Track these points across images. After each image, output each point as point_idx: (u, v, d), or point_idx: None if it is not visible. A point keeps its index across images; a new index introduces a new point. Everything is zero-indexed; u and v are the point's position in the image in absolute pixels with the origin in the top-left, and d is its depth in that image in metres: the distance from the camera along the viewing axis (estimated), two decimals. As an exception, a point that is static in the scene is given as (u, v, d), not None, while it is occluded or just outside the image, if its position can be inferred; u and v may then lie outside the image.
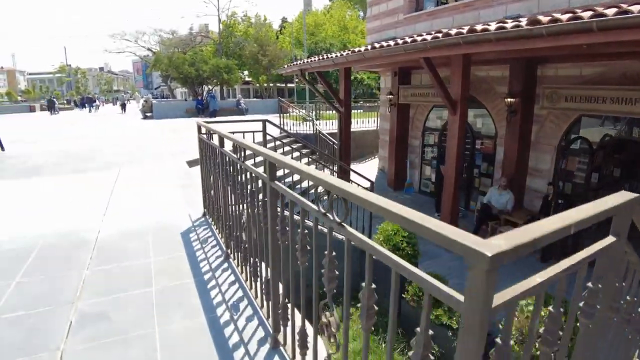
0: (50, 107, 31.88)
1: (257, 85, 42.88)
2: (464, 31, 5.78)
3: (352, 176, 10.22)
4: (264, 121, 4.88)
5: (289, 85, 46.15)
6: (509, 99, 8.60)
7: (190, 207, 5.40)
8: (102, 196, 5.95)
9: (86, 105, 37.24)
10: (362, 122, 15.35)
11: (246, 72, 36.51)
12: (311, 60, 9.54)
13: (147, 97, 27.72)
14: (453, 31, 6.08)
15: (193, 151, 10.47)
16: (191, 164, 8.99)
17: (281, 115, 14.55)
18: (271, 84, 43.50)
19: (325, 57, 9.15)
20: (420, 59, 6.91)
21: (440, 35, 6.19)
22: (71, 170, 8.23)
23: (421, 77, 11.87)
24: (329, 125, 15.19)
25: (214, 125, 4.43)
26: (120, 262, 3.68)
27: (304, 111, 21.01)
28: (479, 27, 5.70)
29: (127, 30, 35.02)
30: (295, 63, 10.16)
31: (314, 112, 21.30)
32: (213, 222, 4.49)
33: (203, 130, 4.55)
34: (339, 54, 8.86)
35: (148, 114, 24.39)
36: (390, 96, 12.06)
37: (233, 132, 3.69)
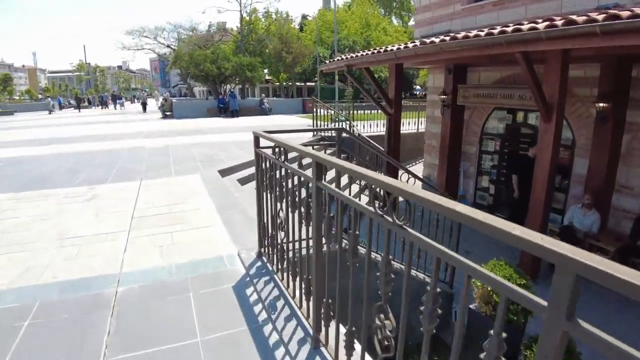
0: (102, 103, 33.10)
1: (277, 84, 41.75)
2: (559, 23, 4.47)
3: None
4: (340, 130, 3.61)
5: (308, 84, 44.95)
6: (600, 104, 7.14)
7: (238, 242, 4.08)
8: (121, 222, 4.67)
9: (113, 102, 38.55)
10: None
11: (266, 71, 35.40)
12: (362, 55, 8.20)
13: (166, 96, 26.68)
14: (540, 23, 4.76)
15: (223, 157, 9.44)
16: (224, 173, 7.73)
17: (314, 116, 13.19)
18: (290, 83, 42.34)
19: (379, 50, 7.80)
20: (517, 54, 5.50)
21: (543, 25, 4.82)
22: (84, 180, 7.02)
23: (479, 75, 10.42)
24: (365, 128, 13.79)
25: (278, 136, 3.15)
26: (152, 344, 2.38)
27: (332, 112, 19.67)
28: (579, 19, 4.35)
29: (146, 27, 34.15)
30: (340, 58, 8.88)
31: (343, 113, 19.92)
32: (277, 272, 3.20)
33: (264, 142, 3.27)
34: (397, 47, 7.50)
35: (168, 113, 23.33)
36: (444, 96, 10.63)
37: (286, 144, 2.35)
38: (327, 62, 9.58)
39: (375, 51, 7.82)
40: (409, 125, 14.16)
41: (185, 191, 6.18)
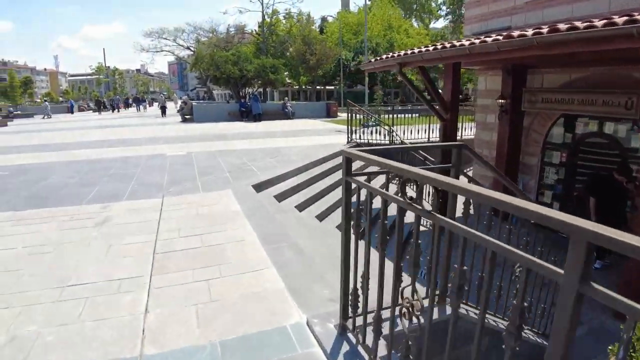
0: (100, 107, 32.44)
1: (296, 87, 40.76)
2: None
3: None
4: (460, 146, 2.52)
5: (327, 87, 43.88)
6: None
7: (302, 299, 2.90)
8: (139, 260, 3.54)
9: (136, 104, 39.38)
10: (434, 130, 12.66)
11: (286, 73, 34.44)
12: (420, 51, 6.97)
13: (185, 99, 25.80)
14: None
15: (254, 168, 8.17)
16: (259, 188, 6.58)
17: (349, 121, 11.99)
18: (309, 86, 41.31)
19: (444, 46, 6.57)
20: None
21: None
22: (96, 196, 5.94)
23: (542, 77, 9.12)
24: (405, 134, 12.53)
25: (387, 161, 1.97)
26: None
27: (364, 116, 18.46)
28: None
29: (165, 29, 33.59)
30: (391, 55, 7.71)
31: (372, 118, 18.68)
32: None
33: (357, 166, 2.09)
34: (468, 42, 6.26)
35: (187, 117, 22.41)
36: (502, 101, 9.34)
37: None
38: (372, 60, 8.42)
39: (440, 47, 6.58)
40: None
41: (218, 213, 5.03)
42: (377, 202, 2.18)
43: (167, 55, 36.88)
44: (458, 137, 13.43)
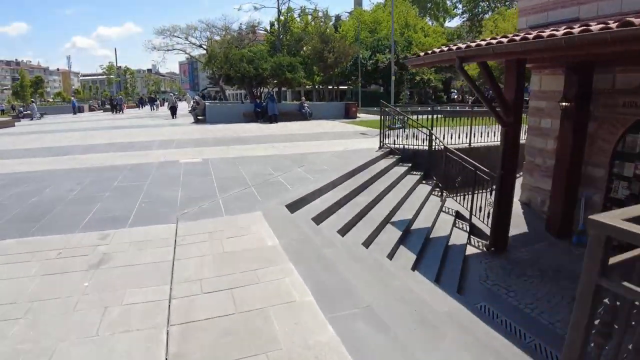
0: (114, 107, 31.58)
1: (308, 87, 39.60)
2: None
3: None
4: None
5: (341, 87, 42.65)
6: None
7: None
8: (147, 340, 2.36)
9: (150, 103, 40.64)
10: (480, 135, 11.29)
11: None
12: (490, 44, 5.70)
13: (198, 99, 24.72)
14: None
15: (282, 179, 6.97)
16: (293, 207, 5.38)
17: (382, 125, 10.75)
18: (322, 86, 40.10)
19: (524, 37, 5.30)
20: None
21: None
22: (94, 219, 4.77)
23: (614, 77, 7.79)
24: (445, 138, 11.21)
25: None
26: None
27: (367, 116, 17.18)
28: None
29: (177, 26, 32.62)
30: (448, 48, 6.45)
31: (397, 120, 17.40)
32: None
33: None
34: (563, 30, 5.00)
35: (200, 118, 21.34)
36: (565, 103, 8.03)
37: None
38: (422, 54, 7.18)
39: (519, 39, 5.31)
40: (488, 136, 11.53)
41: (251, 250, 3.82)
42: None
43: (178, 53, 35.99)
44: (495, 143, 12.07)
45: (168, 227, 4.49)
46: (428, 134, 10.08)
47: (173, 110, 23.89)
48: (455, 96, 51.13)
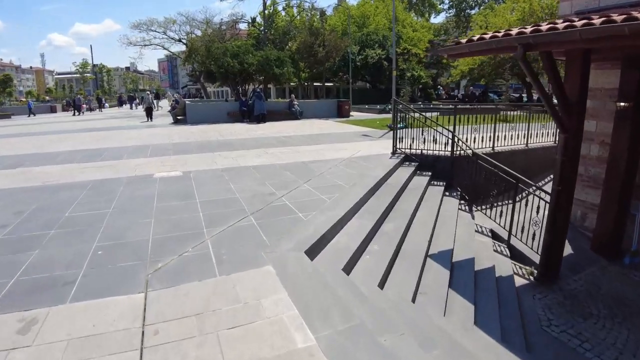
0: (75, 108, 28.46)
1: (292, 84, 37.92)
2: None
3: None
4: None
5: (327, 84, 41.05)
6: None
7: None
8: None
9: (129, 102, 40.44)
10: (504, 137, 9.85)
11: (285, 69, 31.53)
12: (571, 25, 4.23)
13: (177, 97, 22.82)
14: None
15: (287, 201, 5.33)
16: (312, 251, 3.80)
17: (395, 127, 9.20)
18: (312, 82, 38.45)
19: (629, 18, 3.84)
20: None
21: None
22: (18, 287, 3.10)
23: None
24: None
25: None
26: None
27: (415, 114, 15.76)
28: None
29: (154, 20, 30.45)
30: (504, 33, 4.95)
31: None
32: None
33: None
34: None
35: (180, 118, 19.47)
36: (623, 103, 6.68)
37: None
38: (463, 42, 5.64)
39: (598, 22, 3.85)
40: (512, 140, 10.10)
41: (269, 356, 2.24)
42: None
43: (156, 49, 33.75)
44: (525, 145, 10.69)
45: (132, 301, 2.87)
46: (450, 137, 8.61)
47: (149, 112, 20.92)
48: (442, 92, 50.11)
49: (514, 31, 4.98)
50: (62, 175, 7.29)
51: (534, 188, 6.88)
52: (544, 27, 4.70)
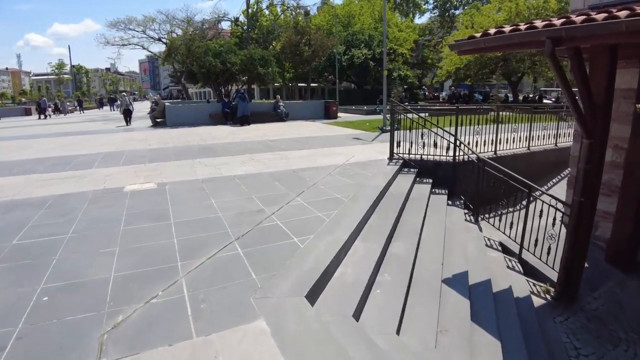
0: (40, 111, 26.55)
1: (277, 85, 37.09)
2: None
3: None
4: None
5: (311, 85, 40.36)
6: None
7: None
8: None
9: (110, 104, 38.57)
10: (506, 140, 9.24)
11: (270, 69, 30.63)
12: (611, 16, 3.58)
13: (157, 98, 21.75)
14: None
15: (278, 221, 4.48)
16: (315, 293, 3.04)
17: (392, 131, 8.49)
18: (296, 83, 37.68)
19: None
20: None
21: None
22: None
23: None
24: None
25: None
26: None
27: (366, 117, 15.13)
28: None
29: (133, 18, 29.20)
30: (528, 25, 4.29)
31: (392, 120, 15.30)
32: None
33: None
34: None
35: (159, 120, 18.47)
36: (647, 105, 6.13)
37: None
38: (477, 36, 4.95)
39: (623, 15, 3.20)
40: (514, 143, 9.51)
41: None
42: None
43: (134, 48, 32.47)
44: (527, 149, 10.10)
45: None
46: (452, 140, 7.95)
47: (127, 115, 19.16)
48: (426, 93, 49.84)
49: (540, 23, 4.31)
50: (18, 189, 6.37)
51: (550, 198, 6.26)
52: (576, 18, 4.05)
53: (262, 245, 3.84)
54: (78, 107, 36.27)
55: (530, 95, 37.32)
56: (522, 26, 4.53)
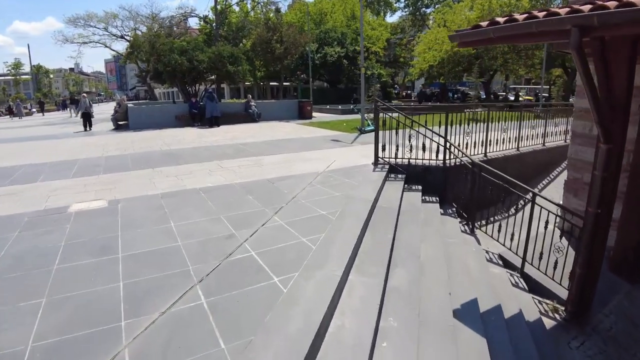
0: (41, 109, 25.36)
1: (248, 83, 35.99)
2: None
3: None
4: None
5: (283, 84, 39.45)
6: None
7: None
8: None
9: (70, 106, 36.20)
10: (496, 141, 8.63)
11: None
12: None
13: (120, 99, 20.35)
14: None
15: (256, 255, 3.40)
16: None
17: (377, 132, 7.71)
18: (268, 82, 36.66)
19: None
20: None
21: None
22: None
23: None
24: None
25: None
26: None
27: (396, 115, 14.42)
28: None
29: (93, 14, 27.43)
30: (551, 12, 3.64)
31: (368, 120, 14.62)
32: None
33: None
34: None
35: (121, 123, 17.16)
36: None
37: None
38: (483, 25, 4.23)
39: None
40: (504, 144, 8.92)
41: None
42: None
43: (96, 46, 30.51)
44: (514, 148, 9.58)
45: None
46: (442, 143, 7.26)
47: (86, 119, 16.69)
48: (397, 92, 49.67)
49: (562, 10, 3.62)
50: None
51: (558, 207, 5.65)
52: (609, 3, 3.37)
53: (233, 290, 2.98)
54: (39, 109, 33.92)
55: (503, 94, 37.52)
56: (539, 13, 3.84)
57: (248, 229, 4.27)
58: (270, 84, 37.35)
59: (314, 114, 21.54)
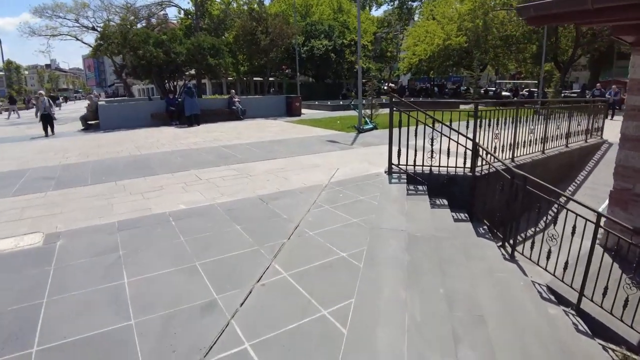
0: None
1: (230, 78, 34.30)
2: None
3: None
4: None
5: (269, 79, 37.87)
6: None
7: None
8: None
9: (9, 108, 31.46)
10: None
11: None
12: None
13: (91, 96, 18.53)
14: None
15: (243, 336, 2.20)
16: None
17: (391, 133, 6.36)
18: (251, 76, 35.06)
19: None
20: None
21: None
22: None
23: None
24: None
25: None
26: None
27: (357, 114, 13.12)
28: None
29: (62, 4, 25.32)
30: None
31: (369, 119, 13.30)
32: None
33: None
34: None
35: (91, 122, 15.45)
36: None
37: None
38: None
39: None
40: (530, 147, 7.70)
41: None
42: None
43: (65, 39, 28.33)
44: (540, 152, 8.37)
45: None
46: (470, 146, 5.97)
47: (47, 122, 13.67)
48: (385, 87, 48.58)
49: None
50: None
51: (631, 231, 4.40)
52: None
53: None
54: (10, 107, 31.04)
55: (493, 89, 36.65)
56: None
57: (236, 289, 2.88)
58: (254, 79, 35.69)
59: (303, 110, 20.15)
